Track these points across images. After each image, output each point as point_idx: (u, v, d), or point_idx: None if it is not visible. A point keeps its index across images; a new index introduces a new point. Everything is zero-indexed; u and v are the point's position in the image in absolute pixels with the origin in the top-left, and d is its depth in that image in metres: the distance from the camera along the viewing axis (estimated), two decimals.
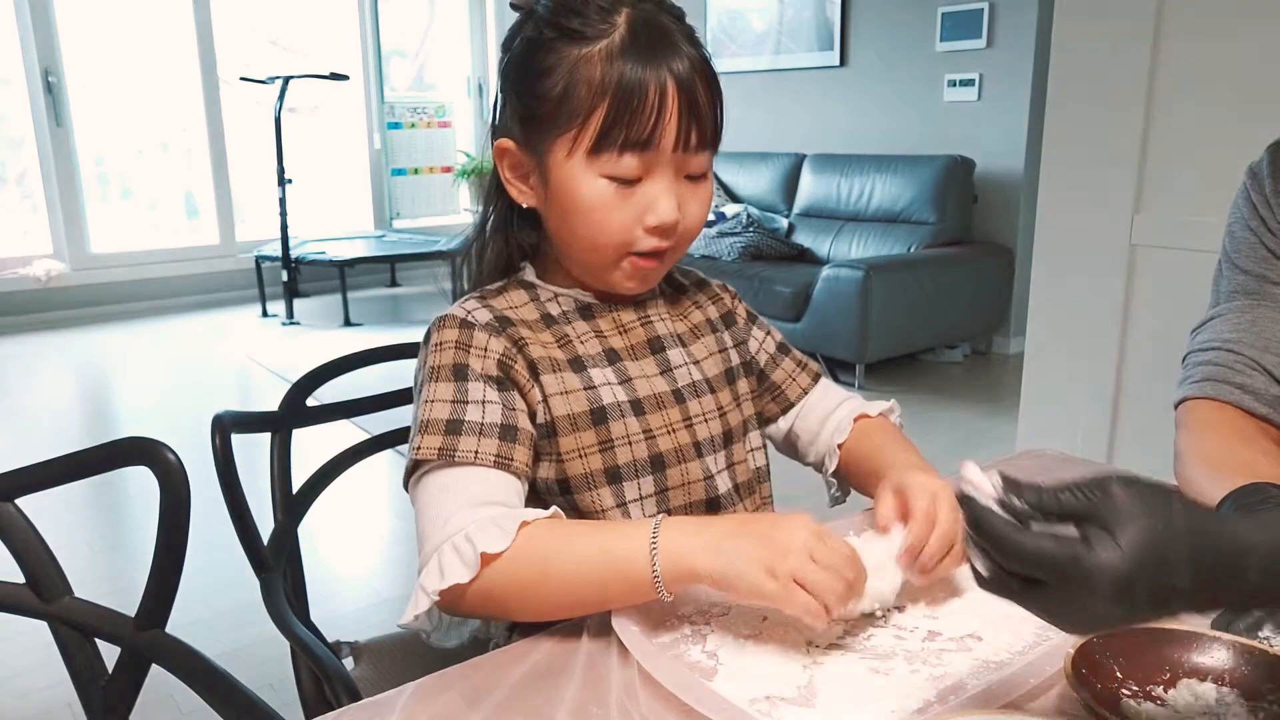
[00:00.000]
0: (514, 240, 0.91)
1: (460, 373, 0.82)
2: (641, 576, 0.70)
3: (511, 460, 0.79)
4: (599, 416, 0.85)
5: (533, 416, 0.84)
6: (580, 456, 0.84)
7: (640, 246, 0.83)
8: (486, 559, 0.71)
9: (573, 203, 0.82)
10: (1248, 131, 1.87)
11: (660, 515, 0.73)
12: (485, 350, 0.83)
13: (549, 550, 0.73)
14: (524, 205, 0.87)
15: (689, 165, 0.83)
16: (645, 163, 0.80)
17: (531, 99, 0.82)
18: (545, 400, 0.84)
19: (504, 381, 0.83)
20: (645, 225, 0.82)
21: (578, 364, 0.87)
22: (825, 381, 1.04)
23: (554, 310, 0.90)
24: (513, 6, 0.88)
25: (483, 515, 0.74)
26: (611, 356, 0.89)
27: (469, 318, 0.85)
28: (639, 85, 0.78)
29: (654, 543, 0.70)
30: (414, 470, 0.80)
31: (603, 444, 0.85)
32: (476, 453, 0.78)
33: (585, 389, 0.85)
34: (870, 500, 0.91)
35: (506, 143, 0.86)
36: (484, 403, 0.80)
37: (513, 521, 0.73)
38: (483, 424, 0.79)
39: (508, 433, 0.80)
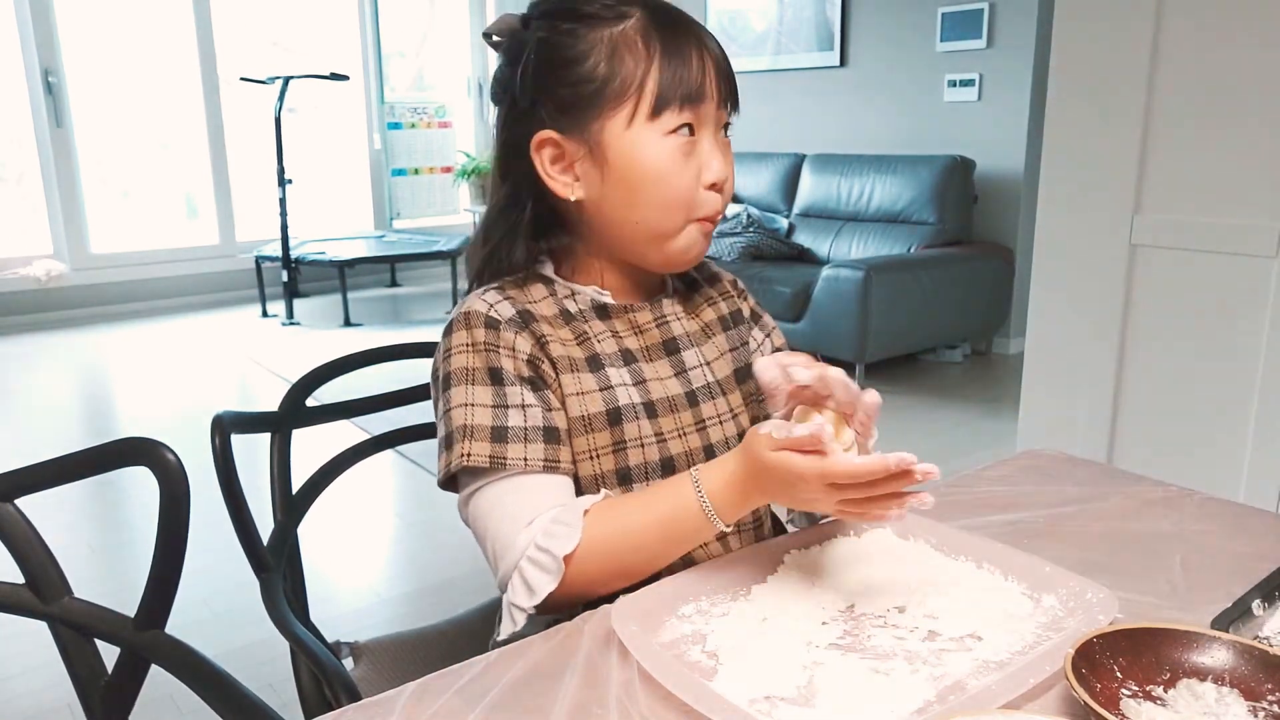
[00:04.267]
0: (546, 244, 0.91)
1: (496, 376, 0.82)
2: (700, 522, 0.76)
3: (559, 462, 0.82)
4: (614, 417, 0.85)
5: None
6: (592, 458, 0.85)
7: (705, 207, 0.86)
8: (567, 560, 0.75)
9: (642, 170, 0.83)
10: (1248, 132, 1.87)
11: (697, 466, 0.79)
12: (514, 350, 0.83)
13: (616, 529, 0.78)
14: (571, 198, 0.86)
15: (723, 121, 0.87)
16: (699, 118, 0.84)
17: (571, 86, 0.83)
18: (563, 401, 0.85)
19: (536, 381, 0.83)
20: (705, 182, 0.85)
21: (595, 362, 0.87)
22: None
23: (571, 307, 0.89)
24: (487, 35, 0.88)
25: (543, 520, 0.78)
26: (627, 357, 0.89)
27: (493, 313, 0.84)
28: (681, 45, 0.82)
29: (700, 493, 0.76)
30: (459, 475, 0.82)
31: (616, 445, 0.85)
32: (526, 460, 0.80)
33: (601, 389, 0.86)
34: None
35: (549, 134, 0.84)
36: (524, 406, 0.81)
37: (574, 514, 0.77)
38: (526, 428, 0.81)
39: (551, 435, 0.82)
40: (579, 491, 0.85)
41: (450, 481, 0.83)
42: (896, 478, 0.69)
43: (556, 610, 0.80)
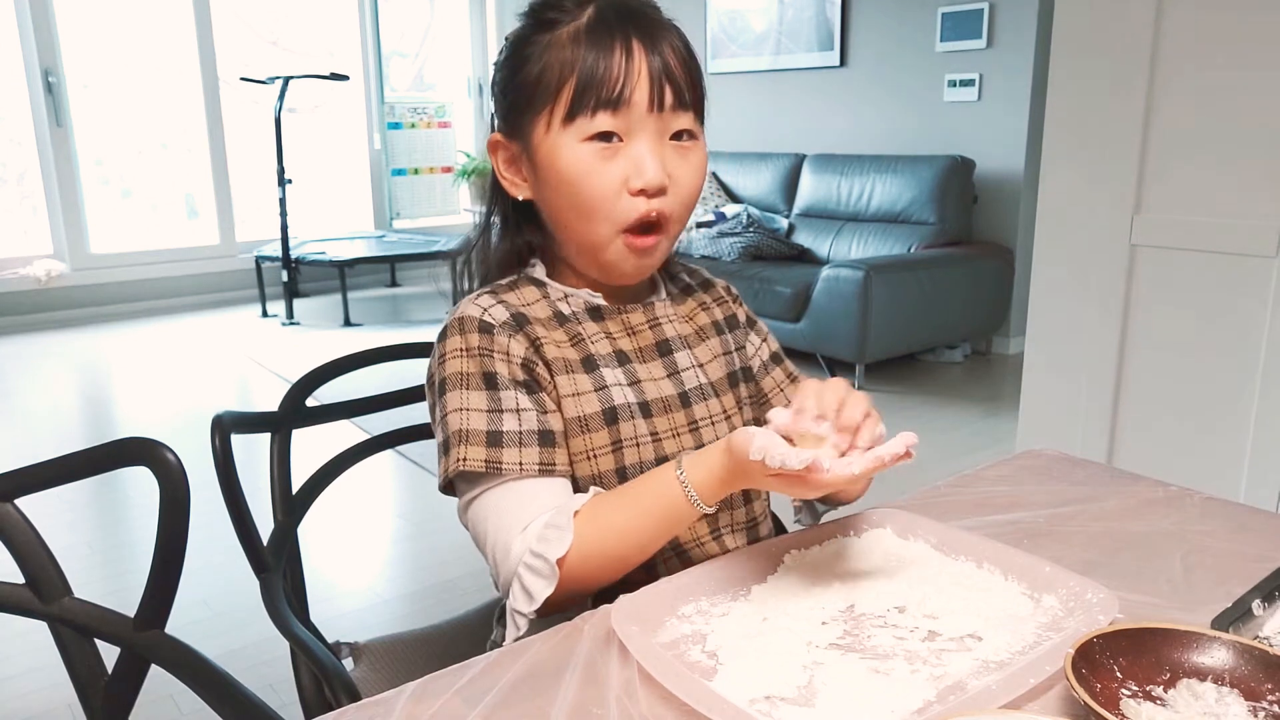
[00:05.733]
0: (521, 239, 0.92)
1: (490, 380, 0.82)
2: (685, 510, 0.77)
3: (554, 465, 0.82)
4: (610, 417, 0.86)
5: None
6: (589, 458, 0.85)
7: (629, 214, 0.83)
8: (560, 563, 0.75)
9: (558, 174, 0.83)
10: (1248, 131, 1.87)
11: (679, 457, 0.79)
12: (508, 354, 0.83)
13: (605, 527, 0.78)
14: (519, 198, 0.89)
15: (671, 126, 0.83)
16: (622, 123, 0.81)
17: (513, 89, 0.85)
18: (559, 402, 0.85)
19: (531, 384, 0.84)
20: (631, 188, 0.82)
21: (590, 363, 0.87)
22: None
23: (565, 309, 0.90)
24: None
25: (537, 526, 0.78)
26: (621, 358, 0.89)
27: (486, 317, 0.84)
28: (605, 49, 0.80)
29: (683, 482, 0.77)
30: (457, 481, 0.82)
31: (614, 444, 0.86)
32: (521, 465, 0.80)
33: (597, 390, 0.86)
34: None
35: (496, 136, 0.89)
36: (519, 410, 0.82)
37: (565, 516, 0.77)
38: (521, 432, 0.81)
39: (546, 438, 0.82)
40: (578, 491, 0.85)
41: (450, 486, 0.84)
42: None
43: (558, 610, 0.80)
